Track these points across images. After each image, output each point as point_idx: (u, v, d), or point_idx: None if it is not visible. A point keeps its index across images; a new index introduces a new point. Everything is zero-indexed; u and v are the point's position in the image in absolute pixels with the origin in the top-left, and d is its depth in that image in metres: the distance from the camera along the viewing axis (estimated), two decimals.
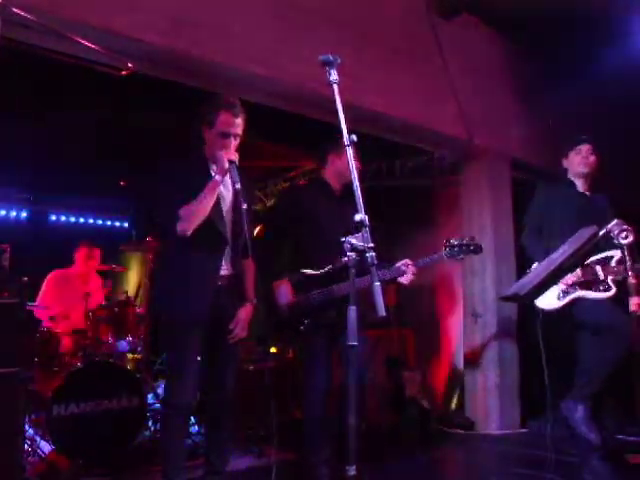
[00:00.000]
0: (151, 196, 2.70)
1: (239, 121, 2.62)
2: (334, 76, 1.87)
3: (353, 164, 1.87)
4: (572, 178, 3.55)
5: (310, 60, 2.17)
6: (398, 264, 3.09)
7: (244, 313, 2.74)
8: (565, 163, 3.56)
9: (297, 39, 3.58)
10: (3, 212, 6.31)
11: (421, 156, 5.37)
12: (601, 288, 3.28)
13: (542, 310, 3.38)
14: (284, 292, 3.13)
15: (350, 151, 1.85)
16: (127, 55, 2.69)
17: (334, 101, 1.85)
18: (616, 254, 3.28)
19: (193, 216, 2.53)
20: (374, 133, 4.39)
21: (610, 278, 3.26)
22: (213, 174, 2.60)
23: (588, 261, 3.30)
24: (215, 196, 2.57)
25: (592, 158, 3.46)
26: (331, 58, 1.87)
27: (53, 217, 7.01)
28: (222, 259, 2.66)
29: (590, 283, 3.30)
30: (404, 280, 3.08)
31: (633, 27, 4.32)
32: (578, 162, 3.46)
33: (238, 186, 2.51)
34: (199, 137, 2.70)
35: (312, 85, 3.40)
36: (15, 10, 1.94)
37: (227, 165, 2.52)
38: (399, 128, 4.43)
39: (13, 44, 2.41)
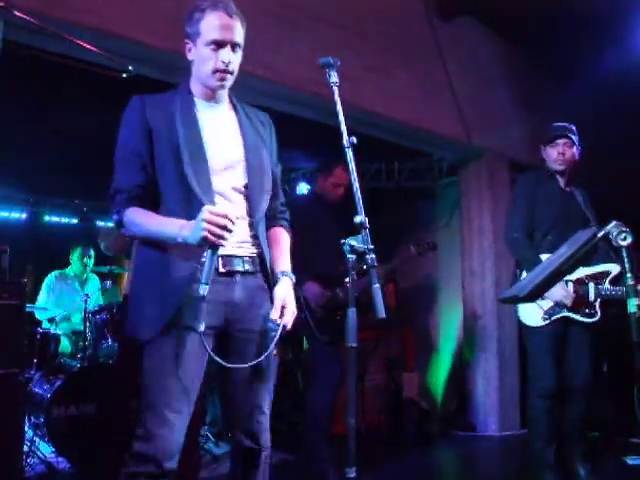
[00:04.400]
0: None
1: (235, 22, 1.80)
2: (334, 78, 1.87)
3: (353, 167, 1.86)
4: (551, 171, 3.24)
5: (310, 62, 2.17)
6: None
7: (281, 291, 1.83)
8: (543, 154, 3.25)
9: (297, 41, 3.59)
10: (5, 214, 6.31)
11: (421, 157, 5.38)
12: (587, 312, 3.03)
13: (526, 325, 3.17)
14: (317, 289, 3.36)
15: (350, 153, 1.84)
16: (128, 58, 2.68)
17: (334, 103, 1.84)
18: (613, 269, 3.05)
19: (142, 233, 1.78)
20: (374, 135, 4.39)
21: (599, 301, 3.01)
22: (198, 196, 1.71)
23: (582, 275, 3.06)
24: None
25: (569, 153, 3.14)
26: (331, 60, 1.86)
27: (54, 218, 7.00)
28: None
29: (577, 304, 3.02)
30: None
31: (633, 26, 4.33)
32: (554, 158, 3.15)
33: None
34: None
35: (312, 87, 3.40)
36: (17, 13, 1.94)
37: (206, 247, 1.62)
38: (399, 130, 4.43)
39: (15, 47, 2.41)
